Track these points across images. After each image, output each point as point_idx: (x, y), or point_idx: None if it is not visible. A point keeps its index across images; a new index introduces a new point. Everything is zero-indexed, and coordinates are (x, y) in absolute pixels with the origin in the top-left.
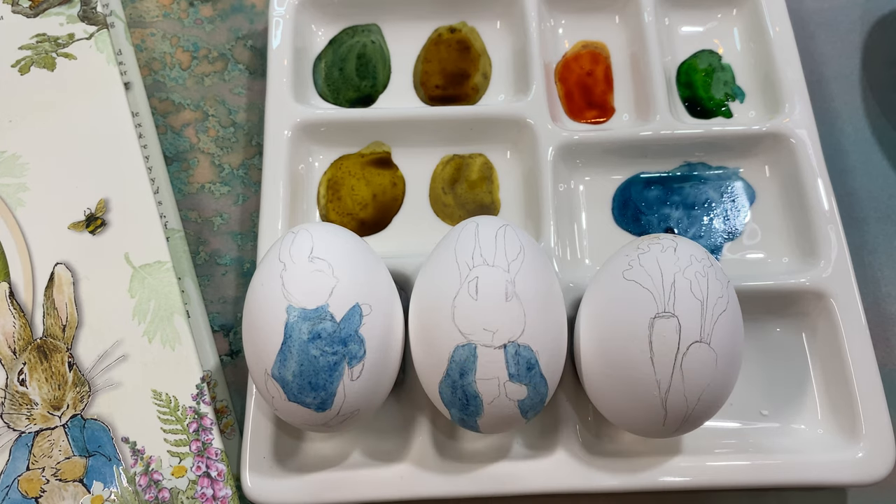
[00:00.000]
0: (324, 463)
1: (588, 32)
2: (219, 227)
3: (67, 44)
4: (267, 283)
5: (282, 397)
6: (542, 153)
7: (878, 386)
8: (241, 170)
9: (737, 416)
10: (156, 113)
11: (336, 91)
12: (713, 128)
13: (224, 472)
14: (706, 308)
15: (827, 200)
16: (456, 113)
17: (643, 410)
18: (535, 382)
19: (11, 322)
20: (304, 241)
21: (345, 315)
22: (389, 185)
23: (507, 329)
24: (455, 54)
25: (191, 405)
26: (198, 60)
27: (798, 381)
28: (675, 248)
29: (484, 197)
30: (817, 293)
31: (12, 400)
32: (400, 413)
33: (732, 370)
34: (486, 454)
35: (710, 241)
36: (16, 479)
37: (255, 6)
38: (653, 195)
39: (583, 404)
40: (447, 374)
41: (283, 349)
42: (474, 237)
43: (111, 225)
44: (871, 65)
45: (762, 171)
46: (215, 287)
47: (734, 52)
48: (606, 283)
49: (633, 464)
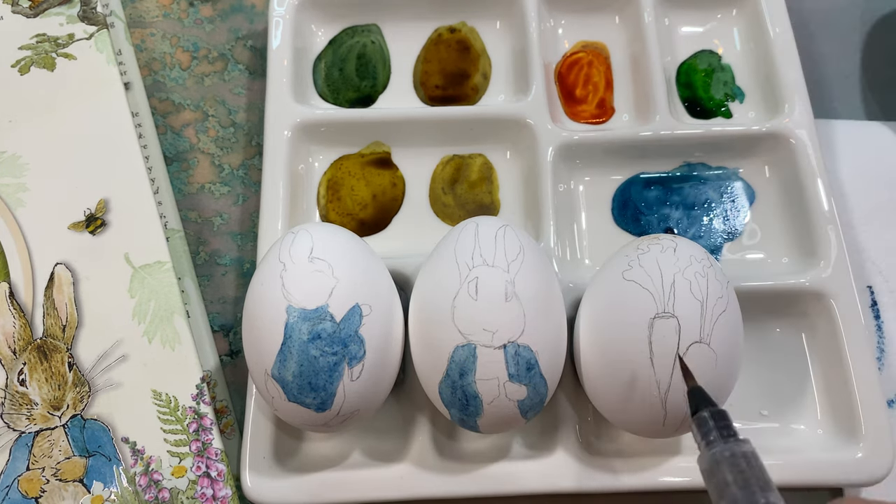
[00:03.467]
0: (324, 463)
1: (588, 32)
2: (219, 228)
3: (67, 44)
4: (267, 284)
5: (282, 397)
6: (542, 153)
7: (878, 386)
8: (241, 170)
9: (736, 416)
10: (156, 113)
11: (336, 91)
12: (713, 128)
13: (224, 472)
14: (706, 308)
15: (826, 201)
16: (456, 113)
17: (643, 410)
18: (535, 382)
19: (11, 322)
20: (304, 242)
21: (345, 315)
22: (389, 185)
23: (506, 329)
24: (455, 54)
25: (191, 405)
26: (198, 60)
27: (798, 381)
28: (675, 248)
29: (484, 197)
30: (817, 293)
31: (12, 400)
32: (400, 413)
33: (732, 370)
34: (486, 454)
35: (710, 241)
36: (16, 479)
37: (255, 6)
38: (652, 195)
39: (583, 404)
40: (447, 375)
41: (283, 349)
42: (474, 237)
43: (111, 225)
44: (871, 65)
45: (762, 171)
46: (215, 287)
47: (734, 53)
48: (606, 283)
49: (633, 464)
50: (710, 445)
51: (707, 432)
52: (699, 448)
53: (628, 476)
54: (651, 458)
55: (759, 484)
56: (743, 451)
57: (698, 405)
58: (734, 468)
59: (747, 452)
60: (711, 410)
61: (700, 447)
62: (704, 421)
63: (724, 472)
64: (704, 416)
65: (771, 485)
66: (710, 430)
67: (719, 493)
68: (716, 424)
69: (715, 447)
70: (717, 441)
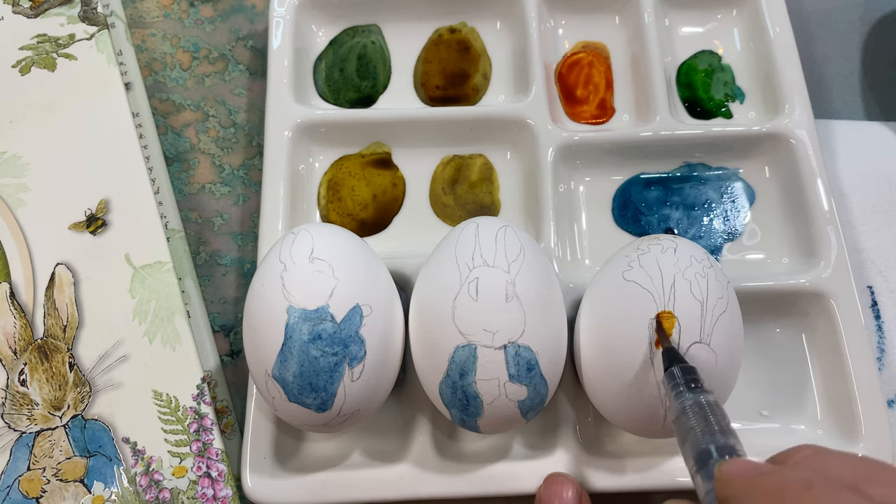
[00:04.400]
0: (324, 463)
1: (588, 33)
2: (219, 228)
3: (68, 44)
4: (267, 284)
5: (282, 398)
6: (543, 154)
7: (878, 386)
8: (241, 170)
9: (737, 417)
10: (156, 113)
11: (336, 91)
12: (713, 128)
13: (224, 472)
14: (706, 309)
15: (826, 201)
16: (456, 113)
17: (643, 410)
18: (536, 383)
19: (12, 322)
20: (305, 242)
21: (345, 316)
22: (390, 185)
23: (507, 330)
24: (455, 55)
25: (191, 405)
26: (198, 61)
27: (798, 381)
28: (675, 248)
29: (484, 197)
30: (817, 294)
31: (13, 400)
32: (400, 413)
33: (732, 370)
34: (486, 454)
35: (710, 241)
36: (17, 479)
37: (256, 7)
38: (653, 196)
39: (583, 404)
40: (447, 375)
41: (283, 350)
42: (474, 238)
43: (112, 225)
44: (871, 65)
45: (762, 171)
46: (216, 287)
47: (734, 53)
48: (606, 283)
49: (633, 464)
50: (678, 396)
51: (675, 385)
52: (669, 401)
53: (628, 476)
54: (651, 458)
55: (719, 427)
56: (707, 399)
57: (670, 364)
58: (698, 414)
59: (710, 401)
60: (681, 366)
61: (669, 399)
62: (673, 375)
63: (689, 417)
64: (673, 372)
65: (731, 428)
66: (678, 384)
67: (683, 437)
68: (684, 378)
69: (682, 397)
70: (685, 392)
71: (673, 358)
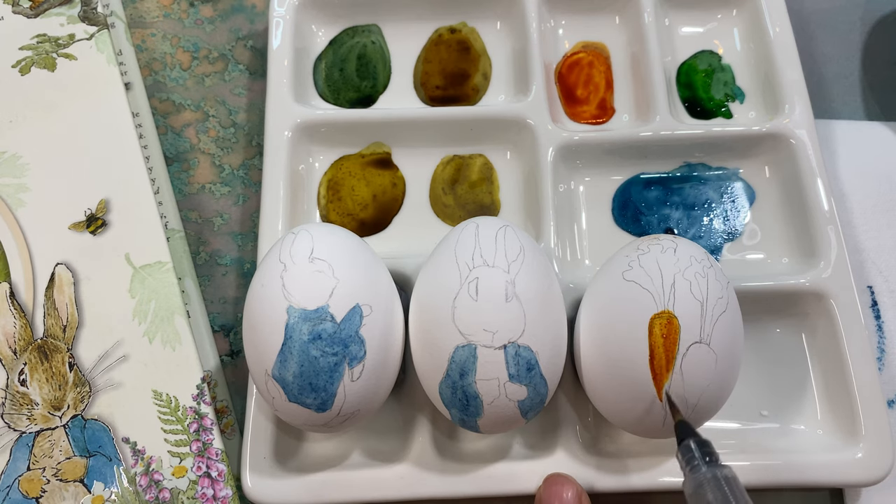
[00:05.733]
0: (324, 463)
1: (588, 33)
2: (219, 228)
3: (68, 44)
4: (267, 284)
5: (282, 398)
6: (543, 154)
7: (878, 386)
8: (241, 170)
9: (736, 417)
10: (156, 113)
11: (336, 91)
12: (713, 128)
13: (224, 472)
14: (706, 309)
15: (826, 201)
16: (456, 113)
17: (643, 410)
18: (535, 383)
19: (12, 322)
20: (305, 242)
21: (345, 316)
22: (390, 185)
23: (507, 330)
24: (455, 55)
25: (191, 405)
26: (198, 61)
27: (798, 381)
28: (675, 248)
29: (484, 197)
30: (817, 294)
31: (13, 400)
32: (400, 413)
33: (732, 371)
34: (486, 454)
35: (710, 241)
36: (16, 479)
37: (256, 6)
38: (653, 196)
39: (583, 404)
40: (447, 375)
41: (283, 350)
42: (474, 238)
43: (112, 225)
44: (871, 65)
45: (762, 171)
46: (215, 287)
47: (734, 53)
48: (606, 283)
49: (633, 464)
50: (694, 470)
51: (691, 459)
52: (684, 475)
53: (628, 476)
54: (651, 458)
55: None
56: (724, 474)
57: (684, 436)
58: (716, 489)
59: (728, 476)
60: (696, 440)
61: (685, 473)
62: (689, 449)
63: (707, 492)
64: (689, 445)
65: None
66: (694, 457)
67: None
68: (700, 451)
69: (698, 471)
70: (701, 466)
71: (686, 432)
